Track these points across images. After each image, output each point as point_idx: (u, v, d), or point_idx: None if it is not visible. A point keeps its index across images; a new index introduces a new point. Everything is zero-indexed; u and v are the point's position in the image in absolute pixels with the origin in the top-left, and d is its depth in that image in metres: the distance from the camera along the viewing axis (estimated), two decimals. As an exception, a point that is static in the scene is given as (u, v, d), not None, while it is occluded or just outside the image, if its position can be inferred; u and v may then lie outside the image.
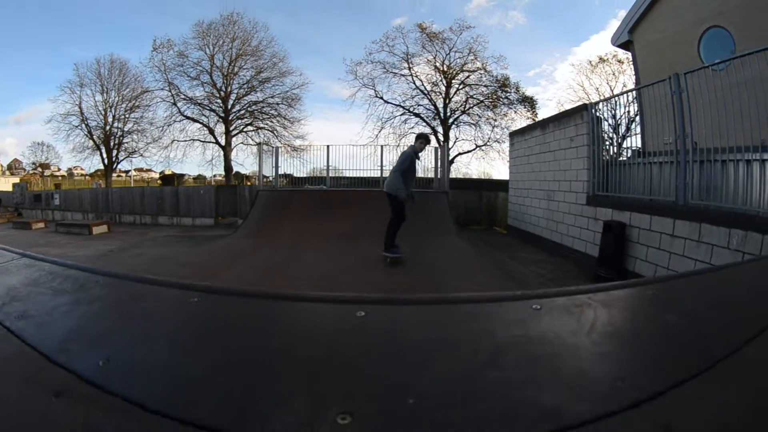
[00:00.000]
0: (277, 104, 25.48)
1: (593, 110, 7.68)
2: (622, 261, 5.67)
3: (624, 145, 8.30)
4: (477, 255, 7.49)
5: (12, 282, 1.37)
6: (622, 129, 9.90)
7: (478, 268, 6.31)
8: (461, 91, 24.18)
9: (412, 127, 24.52)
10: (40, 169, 34.80)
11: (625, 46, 11.31)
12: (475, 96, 24.06)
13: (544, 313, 1.04)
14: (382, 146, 13.88)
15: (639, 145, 7.03)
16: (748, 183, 3.85)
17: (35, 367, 0.79)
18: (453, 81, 24.05)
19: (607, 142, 7.82)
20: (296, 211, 9.94)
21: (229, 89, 24.91)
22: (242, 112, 25.40)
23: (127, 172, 32.59)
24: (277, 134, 25.25)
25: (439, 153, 13.36)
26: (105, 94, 26.14)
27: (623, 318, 1.12)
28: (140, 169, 33.41)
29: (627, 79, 22.73)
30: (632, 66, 12.28)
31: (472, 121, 24.29)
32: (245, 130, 25.66)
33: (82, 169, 34.57)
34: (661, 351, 0.88)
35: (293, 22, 45.63)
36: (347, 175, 13.91)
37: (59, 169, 36.45)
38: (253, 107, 25.37)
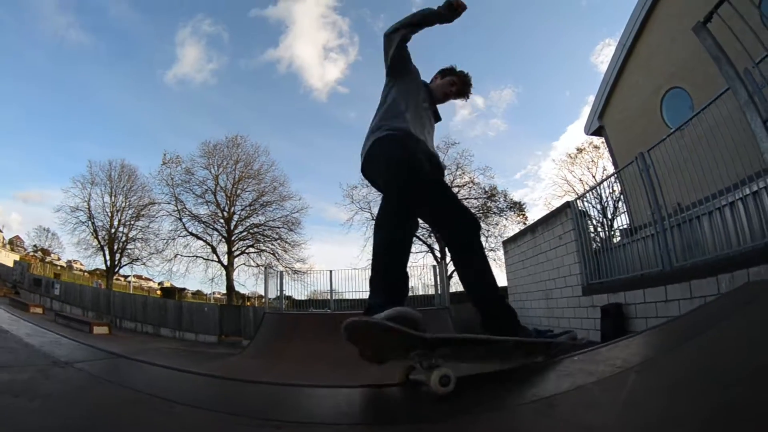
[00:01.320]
0: (278, 228, 26.40)
1: (576, 205, 8.25)
2: (625, 340, 5.57)
3: (614, 226, 8.63)
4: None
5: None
6: (610, 210, 10.37)
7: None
8: (453, 206, 25.41)
9: (409, 248, 25.14)
10: (40, 254, 34.73)
11: (598, 132, 12.28)
12: (465, 210, 25.23)
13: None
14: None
15: (627, 222, 7.42)
16: (723, 227, 4.12)
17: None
18: (444, 198, 25.38)
19: (593, 231, 8.19)
20: (303, 334, 10.08)
21: (232, 210, 26.09)
22: (244, 233, 26.26)
23: (126, 276, 32.56)
24: (279, 257, 25.70)
25: (437, 270, 13.79)
26: (113, 197, 27.45)
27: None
28: (139, 276, 33.44)
29: (606, 162, 23.55)
30: (607, 149, 13.16)
31: (466, 235, 25.02)
32: (247, 251, 26.21)
33: (81, 264, 34.63)
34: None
35: (292, 145, 50.23)
36: (349, 297, 14.14)
37: (59, 259, 36.39)
38: (255, 230, 26.29)
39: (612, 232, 8.54)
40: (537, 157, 56.05)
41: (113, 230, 27.12)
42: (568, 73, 52.88)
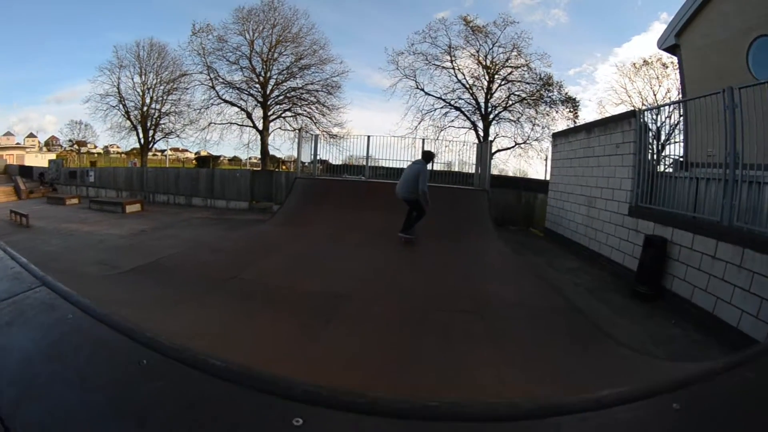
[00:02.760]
0: (317, 91, 25.76)
1: (642, 118, 7.55)
2: (661, 278, 5.64)
3: (663, 154, 8.10)
4: (515, 260, 7.49)
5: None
6: (663, 137, 9.65)
7: (514, 275, 6.33)
8: (503, 87, 23.91)
9: (452, 120, 24.51)
10: (76, 147, 36.27)
11: (671, 50, 11.11)
12: (517, 93, 23.79)
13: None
14: (423, 139, 14.01)
15: (681, 154, 6.92)
16: None
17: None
18: (495, 76, 23.76)
19: (650, 151, 7.66)
20: (334, 201, 10.02)
21: (268, 75, 25.32)
22: (281, 97, 25.83)
23: (162, 151, 33.74)
24: (316, 121, 25.61)
25: (480, 149, 13.34)
26: (143, 76, 27.16)
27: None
28: (176, 149, 34.66)
29: (671, 83, 22.17)
30: (677, 71, 11.98)
31: (512, 118, 24.06)
32: (283, 115, 26.10)
33: (118, 147, 35.97)
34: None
35: (334, 11, 46.20)
36: (385, 165, 13.96)
37: (95, 147, 38.16)
38: (292, 93, 25.75)
39: (660, 159, 7.95)
40: (595, 58, 51.83)
41: (145, 108, 27.14)
42: None
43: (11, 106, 57.78)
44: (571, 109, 23.98)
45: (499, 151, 23.92)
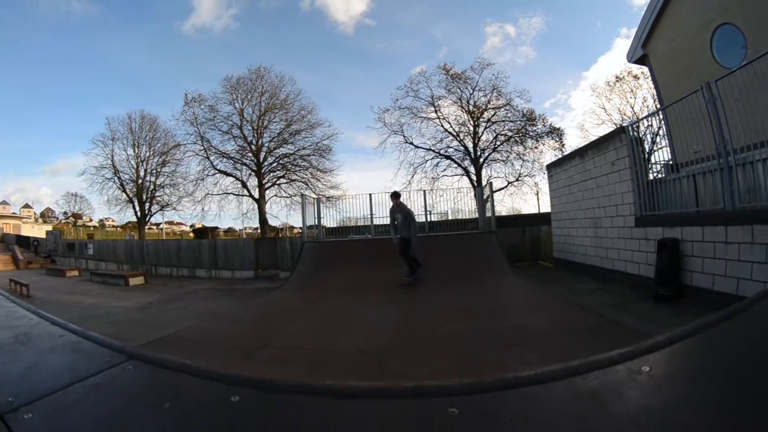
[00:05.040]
0: (309, 156, 26.68)
1: (631, 131, 7.98)
2: (679, 277, 5.74)
3: (651, 162, 8.44)
4: (537, 291, 7.69)
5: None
6: (648, 145, 10.08)
7: (542, 304, 6.47)
8: (489, 129, 24.99)
9: (444, 170, 25.34)
10: (72, 219, 37.01)
11: (640, 61, 11.75)
12: (503, 133, 24.84)
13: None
14: (424, 191, 14.36)
15: (668, 158, 7.28)
16: None
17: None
18: (480, 120, 24.91)
19: (650, 160, 8.05)
20: (345, 261, 10.12)
21: (260, 142, 26.36)
22: (274, 164, 26.71)
23: (158, 224, 34.28)
24: (311, 185, 26.28)
25: (480, 192, 13.75)
26: (137, 148, 28.21)
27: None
28: (170, 222, 35.40)
29: (645, 93, 23.44)
30: (649, 80, 12.60)
31: (502, 158, 24.97)
32: (278, 182, 26.81)
33: (113, 220, 36.66)
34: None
35: (315, 77, 49.61)
36: (385, 223, 14.28)
37: (91, 220, 38.93)
38: (285, 160, 26.66)
39: (651, 166, 8.31)
40: (567, 86, 56.55)
41: (140, 181, 27.99)
42: (601, 4, 49.75)
43: (7, 174, 59.41)
44: (557, 139, 25.00)
45: (496, 191, 24.55)
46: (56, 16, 43.18)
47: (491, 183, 15.63)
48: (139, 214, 28.31)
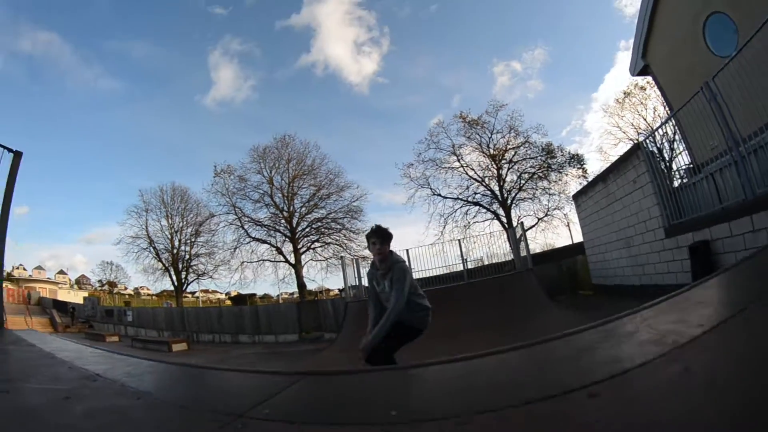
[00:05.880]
0: (341, 218, 27.08)
1: (646, 146, 8.05)
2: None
3: (674, 168, 8.34)
4: (588, 320, 7.47)
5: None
6: (667, 153, 9.95)
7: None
8: (512, 169, 25.09)
9: (474, 217, 25.35)
10: (108, 287, 37.99)
11: (643, 71, 11.81)
12: (525, 171, 24.94)
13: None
14: (459, 240, 14.39)
15: (688, 161, 7.22)
16: None
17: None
18: (502, 161, 25.13)
19: (670, 169, 8.00)
20: None
21: (291, 209, 27.08)
22: (308, 229, 27.18)
23: (193, 293, 34.75)
24: (345, 247, 26.42)
25: (514, 233, 13.78)
26: (170, 219, 29.40)
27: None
28: (206, 291, 35.65)
29: (655, 102, 23.17)
30: (656, 87, 12.58)
31: (529, 196, 24.88)
32: (313, 246, 27.11)
33: (148, 289, 37.52)
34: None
35: (338, 140, 52.13)
36: (425, 275, 14.36)
37: (126, 288, 39.78)
38: (318, 224, 27.16)
39: (674, 174, 8.22)
40: (580, 111, 57.09)
41: (175, 251, 28.95)
42: (595, 23, 53.48)
43: (43, 241, 62.88)
44: (579, 166, 24.89)
45: (527, 229, 24.20)
46: (84, 93, 47.35)
47: (522, 223, 15.59)
48: (176, 282, 28.90)
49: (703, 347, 1.50)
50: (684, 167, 7.46)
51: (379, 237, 3.26)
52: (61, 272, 46.33)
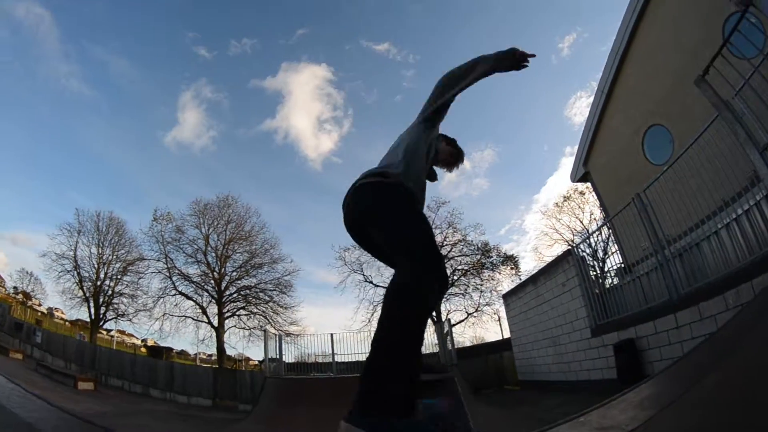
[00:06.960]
0: (270, 290, 26.26)
1: (577, 252, 8.89)
2: (641, 371, 6.00)
3: (606, 269, 9.19)
4: (503, 415, 7.79)
5: None
6: (600, 254, 11.00)
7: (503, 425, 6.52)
8: (446, 266, 25.77)
9: (405, 309, 25.12)
10: (21, 296, 33.22)
11: (584, 178, 13.01)
12: (459, 268, 25.79)
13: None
14: None
15: (620, 262, 8.04)
16: (721, 249, 4.75)
17: None
18: (438, 257, 25.81)
19: (597, 274, 8.78)
20: (309, 400, 9.88)
21: (222, 271, 26.00)
22: (236, 294, 25.99)
23: (109, 331, 31.43)
24: (271, 320, 25.39)
25: (440, 329, 14.09)
26: (100, 249, 27.06)
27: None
28: (122, 332, 32.23)
29: (593, 207, 24.93)
30: (594, 193, 13.79)
31: (460, 292, 25.47)
32: (238, 313, 25.86)
33: (62, 312, 33.41)
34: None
35: (281, 208, 51.60)
36: (346, 360, 14.62)
37: (40, 304, 34.79)
38: (246, 291, 26.10)
39: (606, 273, 9.09)
40: (520, 211, 60.67)
41: (99, 282, 26.62)
42: (544, 128, 58.11)
43: None
44: (513, 266, 26.01)
45: (454, 325, 24.46)
46: (54, 85, 43.45)
47: (449, 319, 15.92)
48: (93, 316, 26.15)
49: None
50: (616, 267, 8.28)
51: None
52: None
